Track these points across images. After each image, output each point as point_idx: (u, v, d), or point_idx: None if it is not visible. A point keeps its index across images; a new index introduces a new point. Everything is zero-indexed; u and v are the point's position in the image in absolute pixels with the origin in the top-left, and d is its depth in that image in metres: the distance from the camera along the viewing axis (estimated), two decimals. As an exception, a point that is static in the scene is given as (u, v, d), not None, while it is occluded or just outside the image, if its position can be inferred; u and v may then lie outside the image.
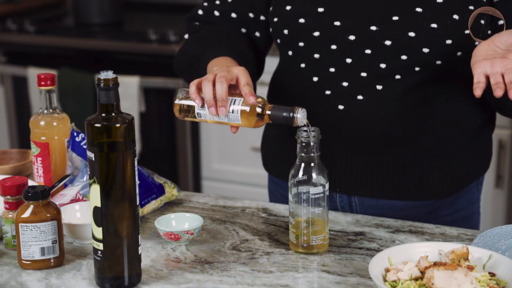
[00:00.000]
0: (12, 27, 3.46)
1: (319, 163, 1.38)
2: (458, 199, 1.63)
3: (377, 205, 1.59)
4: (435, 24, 1.47)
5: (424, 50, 1.48)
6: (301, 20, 1.54)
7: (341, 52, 1.52)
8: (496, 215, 2.91)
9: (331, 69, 1.54)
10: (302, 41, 1.55)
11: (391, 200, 1.59)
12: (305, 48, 1.55)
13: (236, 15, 1.66)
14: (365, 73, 1.52)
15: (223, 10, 1.67)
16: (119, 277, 1.29)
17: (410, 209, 1.59)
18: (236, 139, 3.18)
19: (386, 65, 1.50)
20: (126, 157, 1.26)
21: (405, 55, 1.49)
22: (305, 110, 1.36)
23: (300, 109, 1.36)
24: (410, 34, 1.47)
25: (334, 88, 1.54)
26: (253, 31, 1.67)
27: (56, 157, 1.60)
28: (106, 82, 1.25)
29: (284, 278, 1.33)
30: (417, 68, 1.50)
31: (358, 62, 1.52)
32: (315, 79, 1.56)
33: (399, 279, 1.23)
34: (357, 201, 1.60)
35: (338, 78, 1.54)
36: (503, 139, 2.84)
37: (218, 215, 1.59)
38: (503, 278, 1.23)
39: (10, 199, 1.42)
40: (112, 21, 3.53)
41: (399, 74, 1.51)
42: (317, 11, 1.53)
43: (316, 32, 1.53)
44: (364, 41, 1.50)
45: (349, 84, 1.53)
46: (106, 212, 1.27)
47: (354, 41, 1.50)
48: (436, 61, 1.49)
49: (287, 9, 1.56)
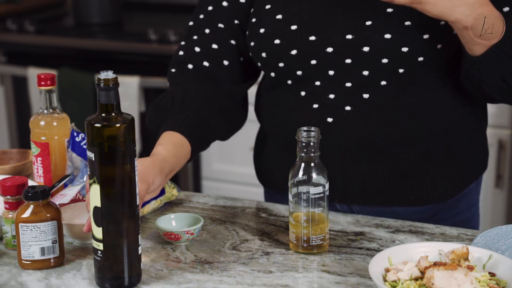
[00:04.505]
0: (12, 27, 3.46)
1: (319, 163, 1.38)
2: (459, 201, 1.62)
3: (376, 212, 1.59)
4: (409, 22, 1.46)
5: (403, 50, 1.46)
6: (277, 41, 1.53)
7: (322, 66, 1.51)
8: (496, 215, 2.91)
9: (316, 83, 1.53)
10: (282, 62, 1.54)
11: (390, 207, 1.58)
12: (286, 68, 1.54)
13: (218, 45, 1.63)
14: (349, 83, 1.51)
15: (203, 43, 1.63)
16: (119, 277, 1.29)
17: (411, 214, 1.58)
18: (236, 139, 3.16)
19: (368, 71, 1.49)
20: (126, 157, 1.26)
21: (385, 58, 1.47)
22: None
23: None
24: (386, 36, 1.46)
25: (321, 101, 1.53)
26: (237, 57, 1.64)
27: (56, 157, 1.60)
28: (106, 82, 1.25)
29: (284, 278, 1.33)
30: (401, 70, 1.49)
31: (341, 72, 1.51)
32: (302, 93, 1.55)
33: (399, 279, 1.23)
34: (358, 208, 1.60)
35: (324, 91, 1.53)
36: (503, 139, 2.84)
37: (218, 215, 1.59)
38: (503, 278, 1.23)
39: (10, 199, 1.42)
40: (112, 21, 3.53)
41: (383, 80, 1.50)
42: (291, 29, 1.52)
43: (293, 50, 1.52)
44: (343, 51, 1.49)
45: (336, 96, 1.52)
46: (106, 212, 1.26)
47: (333, 53, 1.49)
48: (418, 58, 1.47)
49: (261, 32, 1.55)
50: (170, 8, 3.79)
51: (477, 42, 1.38)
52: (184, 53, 1.65)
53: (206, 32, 1.63)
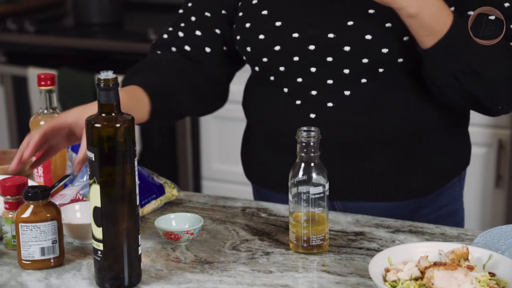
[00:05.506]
0: (12, 27, 3.46)
1: (319, 163, 1.38)
2: (440, 196, 1.64)
3: (360, 207, 1.60)
4: (389, 24, 1.48)
5: (383, 51, 1.48)
6: (261, 36, 1.56)
7: (304, 63, 1.54)
8: (496, 215, 2.91)
9: (298, 80, 1.56)
10: (265, 57, 1.56)
11: (373, 203, 1.59)
12: (270, 63, 1.57)
13: (201, 32, 1.66)
14: (331, 80, 1.53)
15: (187, 30, 1.67)
16: (119, 277, 1.29)
17: (393, 209, 1.60)
18: (237, 139, 3.17)
19: (349, 70, 1.51)
20: (126, 157, 1.26)
21: (366, 58, 1.50)
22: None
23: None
24: (367, 37, 1.48)
25: (304, 98, 1.56)
26: (220, 46, 1.67)
27: (56, 157, 1.60)
28: (106, 82, 1.25)
29: (284, 278, 1.33)
30: (381, 70, 1.51)
31: (322, 70, 1.53)
32: (285, 90, 1.58)
33: (399, 279, 1.23)
34: (340, 204, 1.60)
35: (306, 87, 1.55)
36: (503, 139, 2.84)
37: (218, 215, 1.59)
38: (503, 278, 1.23)
39: (10, 199, 1.42)
40: (112, 21, 3.53)
41: (364, 78, 1.52)
42: (275, 26, 1.55)
43: (277, 46, 1.54)
44: (324, 49, 1.51)
45: (318, 93, 1.54)
46: (106, 212, 1.26)
47: (315, 51, 1.52)
48: (398, 59, 1.50)
49: (247, 27, 1.58)
50: (170, 8, 3.79)
51: (423, 33, 1.40)
52: (168, 37, 1.69)
53: (192, 20, 1.67)
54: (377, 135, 1.54)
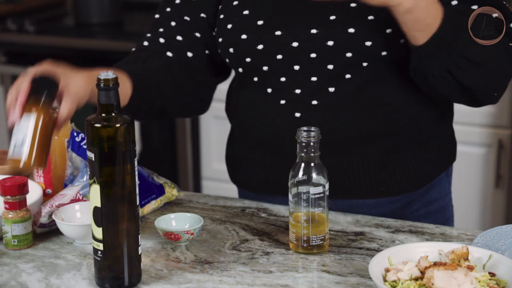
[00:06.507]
0: (12, 27, 3.46)
1: (319, 163, 1.38)
2: (429, 191, 1.64)
3: (350, 205, 1.60)
4: (372, 16, 1.48)
5: (366, 44, 1.48)
6: (243, 36, 1.55)
7: (288, 61, 1.53)
8: (496, 215, 2.91)
9: (282, 79, 1.55)
10: (248, 57, 1.56)
11: (362, 199, 1.59)
12: (253, 63, 1.56)
13: (182, 37, 1.64)
14: (315, 78, 1.53)
15: (168, 35, 1.65)
16: (119, 277, 1.29)
17: (383, 205, 1.60)
18: (236, 139, 3.17)
19: (333, 65, 1.51)
20: (126, 157, 1.26)
21: (349, 52, 1.49)
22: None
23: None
24: (350, 30, 1.48)
25: (288, 97, 1.55)
26: (202, 50, 1.65)
27: (56, 157, 1.60)
28: (106, 82, 1.25)
29: (284, 278, 1.33)
30: (365, 64, 1.51)
31: (306, 67, 1.52)
32: (269, 90, 1.57)
33: (399, 279, 1.23)
34: (331, 202, 1.60)
35: (290, 86, 1.55)
36: (503, 139, 2.84)
37: (218, 215, 1.59)
38: (503, 278, 1.23)
39: (10, 199, 1.42)
40: (112, 21, 3.53)
41: (348, 73, 1.52)
42: (257, 25, 1.54)
43: (259, 45, 1.54)
44: (308, 46, 1.51)
45: (302, 91, 1.54)
46: (106, 212, 1.27)
47: (298, 47, 1.51)
48: (382, 52, 1.50)
49: (229, 28, 1.57)
50: (170, 8, 3.79)
51: (417, 28, 1.40)
52: (149, 44, 1.67)
53: (172, 25, 1.66)
54: (363, 131, 1.54)
